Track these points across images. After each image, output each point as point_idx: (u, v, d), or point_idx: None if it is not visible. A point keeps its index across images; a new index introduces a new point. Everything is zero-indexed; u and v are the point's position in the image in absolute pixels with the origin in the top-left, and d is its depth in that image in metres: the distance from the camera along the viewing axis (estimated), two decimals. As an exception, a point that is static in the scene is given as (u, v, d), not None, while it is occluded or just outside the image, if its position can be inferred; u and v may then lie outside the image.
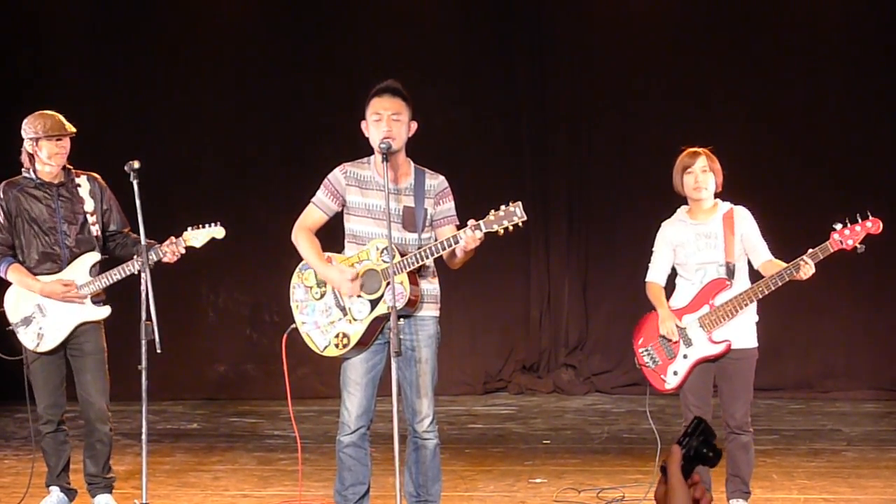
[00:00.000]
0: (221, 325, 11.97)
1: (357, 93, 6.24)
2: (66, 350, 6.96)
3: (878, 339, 11.27)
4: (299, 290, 6.19)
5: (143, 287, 6.36)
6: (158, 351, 6.29)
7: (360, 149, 6.18)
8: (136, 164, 6.45)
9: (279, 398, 10.20)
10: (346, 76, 11.26)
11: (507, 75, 11.93)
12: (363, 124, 6.05)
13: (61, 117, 6.92)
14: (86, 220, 6.94)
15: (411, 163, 6.13)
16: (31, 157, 6.89)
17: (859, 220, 6.48)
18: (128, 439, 9.26)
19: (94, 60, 11.85)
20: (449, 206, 6.14)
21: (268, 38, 11.96)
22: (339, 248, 6.12)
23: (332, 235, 6.24)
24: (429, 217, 6.09)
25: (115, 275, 6.79)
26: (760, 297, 6.53)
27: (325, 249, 6.09)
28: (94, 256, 6.94)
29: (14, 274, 6.90)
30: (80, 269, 6.90)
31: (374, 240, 6.00)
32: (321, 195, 6.12)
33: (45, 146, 6.82)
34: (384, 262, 5.91)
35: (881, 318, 11.27)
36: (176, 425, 10.45)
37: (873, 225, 6.49)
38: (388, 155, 5.86)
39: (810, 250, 6.43)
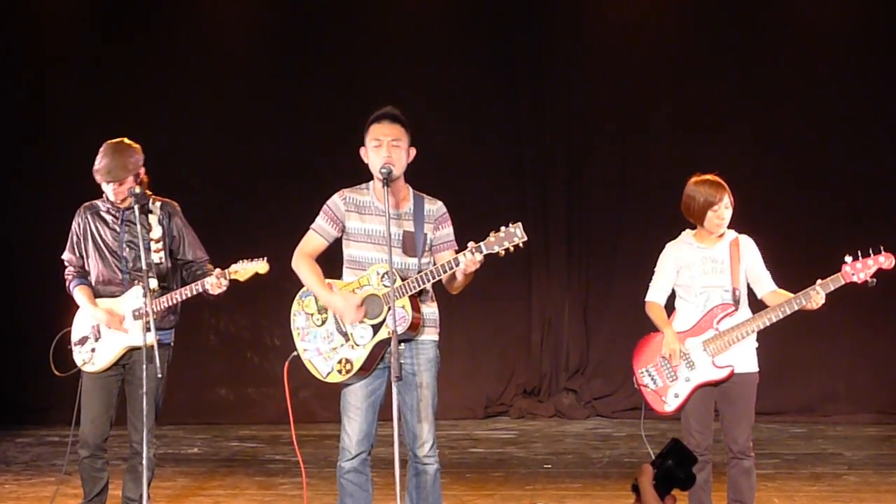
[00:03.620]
0: (222, 348, 11.97)
1: (358, 116, 6.26)
2: (122, 375, 6.98)
3: (879, 363, 11.27)
4: (300, 318, 6.19)
5: (144, 312, 6.40)
6: (160, 376, 6.31)
7: (360, 173, 6.19)
8: (137, 189, 6.49)
9: (280, 422, 10.27)
10: (346, 100, 11.29)
11: (508, 100, 11.96)
12: (362, 150, 6.06)
13: (128, 156, 6.88)
14: (149, 246, 6.95)
15: (410, 188, 6.15)
16: None
17: (871, 254, 6.45)
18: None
19: (94, 84, 11.87)
20: (448, 231, 6.15)
21: (268, 61, 12.00)
22: (337, 274, 6.13)
23: (329, 261, 6.24)
24: (428, 242, 6.10)
25: (164, 302, 6.80)
26: (768, 324, 6.51)
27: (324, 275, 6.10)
28: (152, 283, 6.95)
29: (78, 295, 7.00)
30: (136, 295, 6.92)
31: (374, 265, 6.00)
32: (321, 221, 6.13)
33: (101, 184, 6.88)
34: (385, 286, 5.91)
35: (882, 341, 11.27)
36: (177, 449, 10.44)
37: (886, 260, 6.42)
38: (388, 181, 5.88)
39: (820, 281, 6.41)
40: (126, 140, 6.99)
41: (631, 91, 11.70)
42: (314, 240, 6.14)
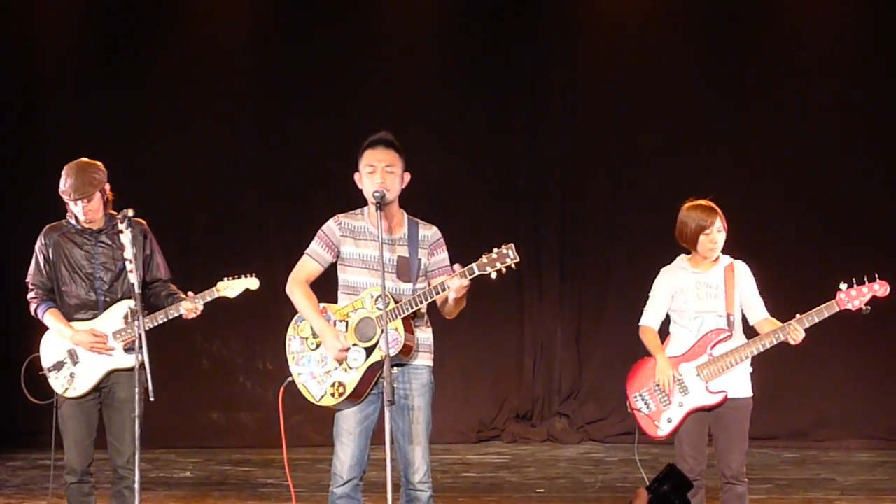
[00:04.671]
0: (215, 372, 11.95)
1: (352, 142, 6.25)
2: (100, 398, 6.95)
3: (872, 388, 11.27)
4: (295, 342, 6.18)
5: (136, 334, 6.38)
6: (152, 399, 6.29)
7: (354, 198, 6.19)
8: (131, 212, 6.49)
9: (272, 446, 10.20)
10: (341, 125, 11.30)
11: (502, 125, 11.99)
12: (356, 176, 6.07)
13: (90, 173, 6.86)
14: (124, 267, 6.93)
15: (405, 213, 6.15)
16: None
17: (866, 281, 6.45)
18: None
19: (89, 106, 11.86)
20: (443, 256, 6.15)
21: (262, 85, 12.01)
22: (332, 299, 6.12)
23: (324, 286, 6.24)
24: (423, 267, 6.10)
25: (147, 323, 6.77)
26: (762, 350, 6.52)
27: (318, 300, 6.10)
28: (129, 304, 6.94)
29: (50, 319, 6.92)
30: (115, 317, 6.91)
31: (368, 289, 6.01)
32: (316, 247, 6.13)
33: (70, 203, 6.88)
34: (379, 309, 5.91)
35: (875, 367, 11.27)
36: (169, 473, 10.41)
37: (881, 288, 6.43)
38: (381, 205, 5.88)
39: (798, 315, 6.43)
40: (86, 159, 6.97)
41: (623, 116, 11.73)
42: (309, 265, 6.13)
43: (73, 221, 6.96)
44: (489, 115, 11.99)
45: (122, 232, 6.86)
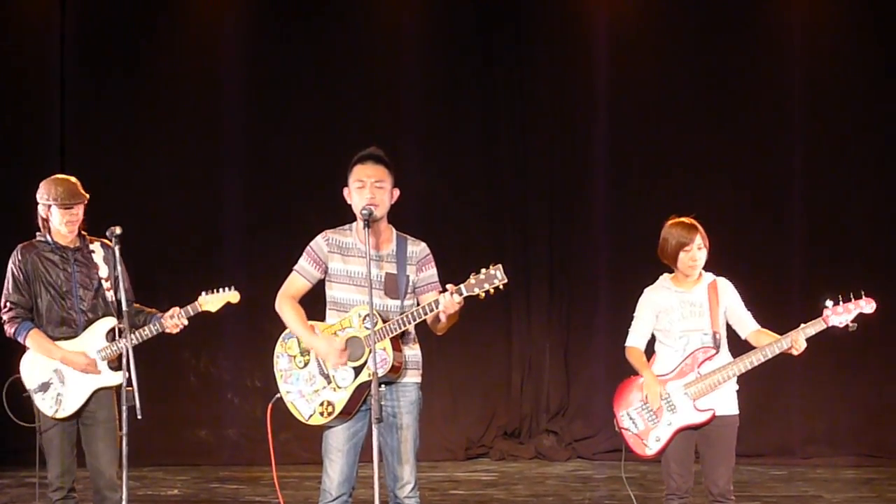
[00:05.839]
0: (202, 389, 11.92)
1: (341, 158, 6.26)
2: (79, 418, 6.94)
3: (859, 405, 11.30)
4: (283, 360, 6.18)
5: (123, 353, 6.38)
6: (139, 417, 6.27)
7: (343, 215, 6.19)
8: (118, 230, 6.50)
9: (261, 463, 10.23)
10: (329, 142, 11.30)
11: (490, 143, 12.01)
12: (345, 191, 6.08)
13: (76, 183, 6.96)
14: (100, 285, 6.95)
15: (393, 230, 6.16)
16: (45, 220, 6.94)
17: (852, 298, 6.46)
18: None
19: (77, 124, 11.85)
20: (431, 272, 6.16)
21: (250, 101, 12.00)
22: (320, 316, 6.12)
23: (312, 303, 6.24)
24: (411, 284, 6.11)
25: (133, 340, 6.75)
26: (749, 368, 6.53)
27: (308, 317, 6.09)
28: (111, 322, 6.95)
29: (34, 340, 6.91)
30: (97, 335, 6.91)
31: (356, 307, 6.00)
32: (304, 263, 6.13)
33: (56, 213, 6.88)
34: (367, 328, 5.91)
35: (862, 384, 11.30)
36: (156, 491, 10.38)
37: (867, 304, 6.44)
38: (369, 221, 5.89)
39: (802, 325, 6.44)
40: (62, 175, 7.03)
41: (611, 136, 11.75)
42: (297, 281, 6.13)
43: (46, 239, 6.96)
44: (477, 132, 12.01)
45: (93, 252, 6.92)
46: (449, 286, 5.82)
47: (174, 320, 6.94)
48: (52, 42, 11.90)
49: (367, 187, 5.97)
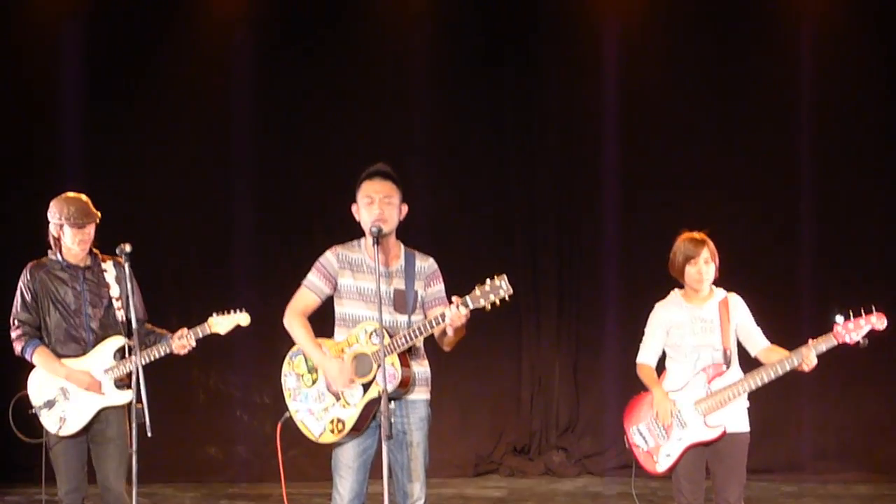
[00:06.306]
0: (212, 406, 11.91)
1: (349, 174, 6.26)
2: (88, 435, 6.94)
3: (869, 421, 11.26)
4: (290, 378, 6.17)
5: (133, 370, 6.38)
6: (149, 435, 6.27)
7: (351, 230, 6.19)
8: (128, 248, 6.51)
9: (270, 480, 10.22)
10: (337, 158, 11.29)
11: (499, 160, 12.00)
12: (354, 207, 6.08)
13: (87, 201, 6.98)
14: (111, 303, 6.97)
15: (402, 245, 6.16)
16: (57, 239, 6.95)
17: (862, 314, 6.43)
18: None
19: (85, 140, 11.86)
20: (439, 287, 6.15)
21: (259, 118, 12.00)
22: (328, 332, 6.11)
23: (320, 320, 6.23)
24: (419, 299, 6.11)
25: (143, 359, 6.76)
26: (759, 385, 6.51)
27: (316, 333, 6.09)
28: (119, 340, 6.96)
29: (40, 357, 6.93)
30: (105, 353, 6.92)
31: (362, 323, 6.00)
32: (313, 278, 6.12)
33: (68, 232, 6.90)
34: (374, 344, 5.90)
35: (873, 400, 11.27)
36: (165, 508, 10.39)
37: (878, 320, 6.39)
38: (378, 238, 5.89)
39: (811, 340, 6.42)
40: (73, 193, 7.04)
41: (621, 153, 11.73)
42: (306, 297, 6.13)
43: (57, 258, 6.98)
44: (486, 148, 12.01)
45: (105, 271, 6.93)
46: (455, 298, 5.81)
47: (181, 341, 6.96)
48: (63, 60, 11.92)
49: (376, 203, 5.98)
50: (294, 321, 6.10)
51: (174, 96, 11.93)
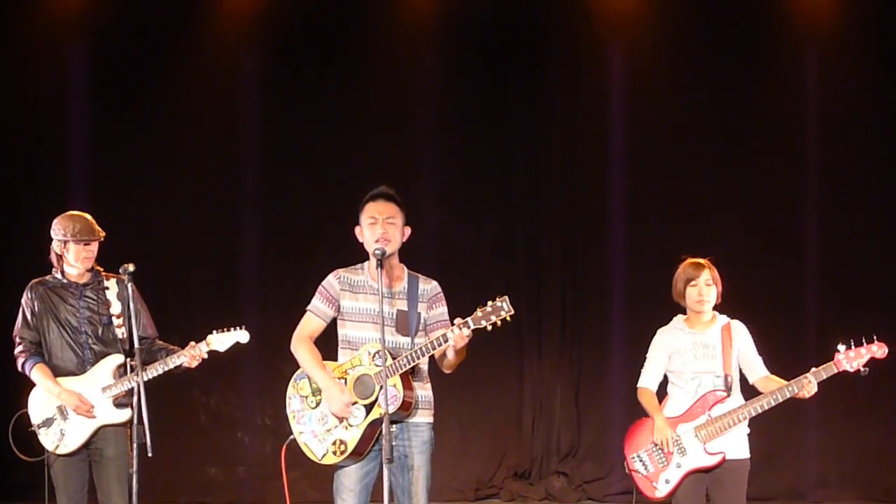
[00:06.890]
0: (212, 427, 11.90)
1: (352, 198, 6.29)
2: (89, 454, 6.94)
3: (871, 449, 11.24)
4: (295, 401, 6.18)
5: (135, 390, 6.39)
6: (150, 454, 6.27)
7: (354, 253, 6.21)
8: (132, 267, 6.53)
9: (270, 501, 10.19)
10: (341, 181, 11.30)
11: (503, 182, 12.00)
12: (357, 229, 6.10)
13: (91, 220, 7.02)
14: (111, 321, 6.98)
15: (405, 268, 6.18)
16: (60, 257, 6.99)
17: (864, 343, 6.45)
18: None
19: (90, 161, 11.87)
20: (442, 310, 6.17)
21: (262, 141, 12.02)
22: (332, 356, 6.12)
23: (324, 343, 6.24)
24: (422, 321, 6.12)
25: (137, 378, 6.76)
26: (760, 412, 6.53)
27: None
28: (118, 359, 6.97)
29: (38, 375, 6.95)
30: (104, 372, 6.92)
31: (366, 345, 6.01)
32: (317, 302, 6.14)
33: (72, 249, 6.93)
34: (377, 366, 5.91)
35: (874, 428, 11.24)
36: (165, 529, 10.37)
37: (879, 349, 6.43)
38: (382, 259, 5.90)
39: (814, 369, 6.43)
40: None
41: (626, 177, 11.73)
42: (312, 322, 6.15)
43: (59, 276, 7.01)
44: (490, 171, 12.01)
45: (108, 288, 6.94)
46: (457, 320, 5.82)
47: (193, 351, 6.95)
48: (68, 82, 11.95)
49: (379, 223, 6.00)
50: (300, 346, 6.12)
51: (180, 117, 11.95)
